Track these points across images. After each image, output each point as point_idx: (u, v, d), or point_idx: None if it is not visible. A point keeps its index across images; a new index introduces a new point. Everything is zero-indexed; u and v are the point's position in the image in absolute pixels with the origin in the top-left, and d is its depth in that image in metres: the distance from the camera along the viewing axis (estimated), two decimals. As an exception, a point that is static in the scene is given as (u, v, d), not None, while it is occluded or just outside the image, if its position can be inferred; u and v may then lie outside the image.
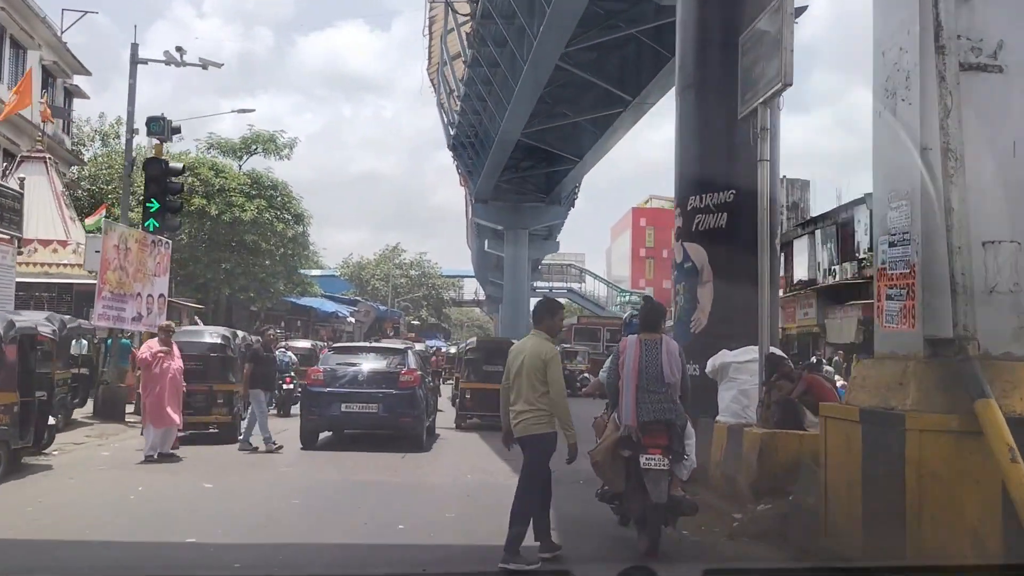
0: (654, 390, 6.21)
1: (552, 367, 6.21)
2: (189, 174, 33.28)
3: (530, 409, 6.21)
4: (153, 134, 18.05)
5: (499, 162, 24.10)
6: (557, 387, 6.23)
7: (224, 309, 35.86)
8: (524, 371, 6.22)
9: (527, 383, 6.20)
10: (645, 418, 6.11)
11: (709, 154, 10.29)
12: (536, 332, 6.49)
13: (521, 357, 6.32)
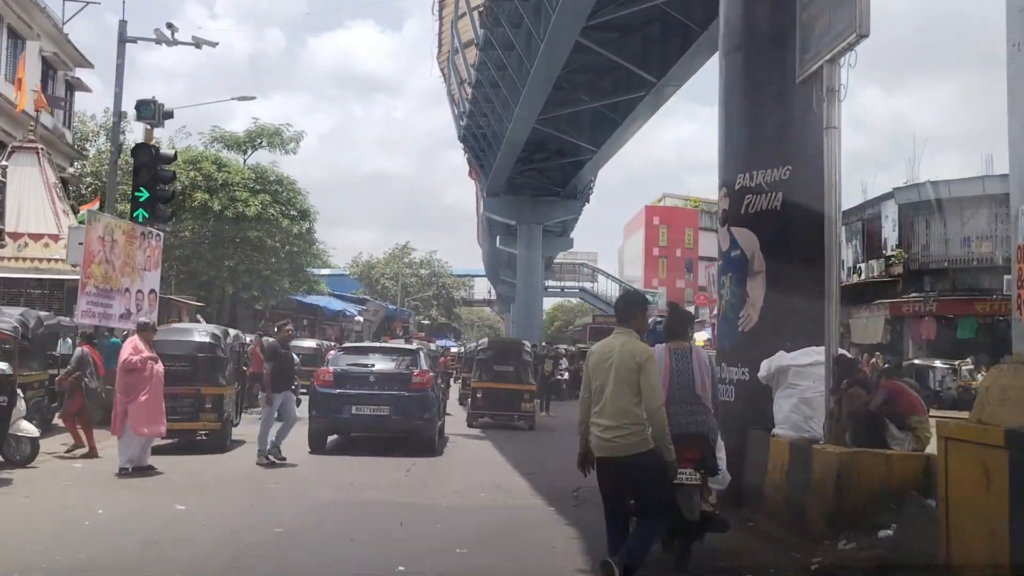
0: (686, 401, 5.86)
1: (648, 371, 5.21)
2: (191, 168, 32.26)
3: (625, 424, 5.19)
4: (143, 118, 16.73)
5: (513, 152, 22.65)
6: (654, 395, 5.22)
7: (228, 308, 34.58)
8: (613, 378, 5.22)
9: (618, 392, 5.21)
10: (676, 431, 5.58)
11: (760, 125, 8.86)
12: (623, 331, 5.47)
13: (608, 361, 5.30)
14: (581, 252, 73.59)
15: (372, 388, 12.36)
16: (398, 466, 11.31)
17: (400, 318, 53.62)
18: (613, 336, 5.51)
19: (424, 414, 12.35)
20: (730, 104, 9.14)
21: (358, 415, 12.29)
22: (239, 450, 12.64)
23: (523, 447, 14.69)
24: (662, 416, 5.22)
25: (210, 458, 11.63)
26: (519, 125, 20.11)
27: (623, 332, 5.46)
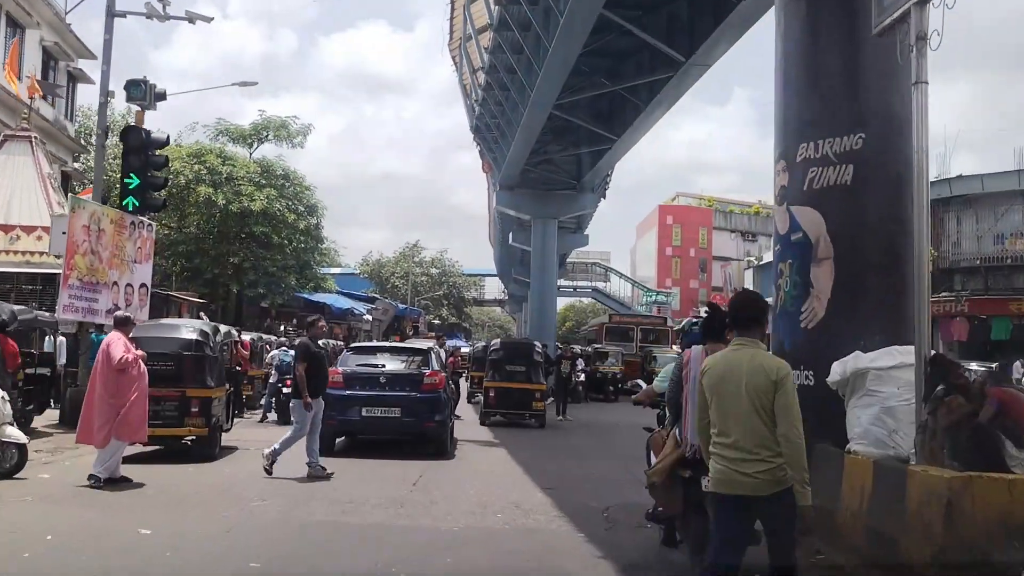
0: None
1: (787, 390, 4.22)
2: (196, 162, 31.09)
3: (765, 456, 4.19)
4: (133, 99, 15.55)
5: (528, 141, 21.33)
6: (795, 420, 4.19)
7: (234, 305, 33.39)
8: (745, 399, 4.23)
9: (751, 417, 4.21)
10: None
11: (827, 85, 7.53)
12: (745, 341, 4.44)
13: (736, 380, 4.29)
14: (594, 251, 72.37)
15: (383, 389, 11.94)
16: (404, 477, 10.06)
17: (410, 317, 52.40)
18: (733, 348, 4.47)
19: (436, 416, 11.98)
20: (789, 61, 7.81)
21: (368, 417, 11.85)
22: (228, 459, 11.41)
23: (539, 454, 13.42)
24: (802, 447, 4.16)
25: (194, 468, 10.38)
26: (536, 110, 18.78)
27: (746, 343, 4.41)
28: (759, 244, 70.35)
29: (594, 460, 12.92)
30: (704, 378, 4.50)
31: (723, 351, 4.61)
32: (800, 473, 4.15)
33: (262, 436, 14.23)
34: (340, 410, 11.73)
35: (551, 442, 15.46)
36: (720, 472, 4.30)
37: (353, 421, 11.97)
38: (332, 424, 11.72)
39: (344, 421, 11.92)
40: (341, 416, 11.78)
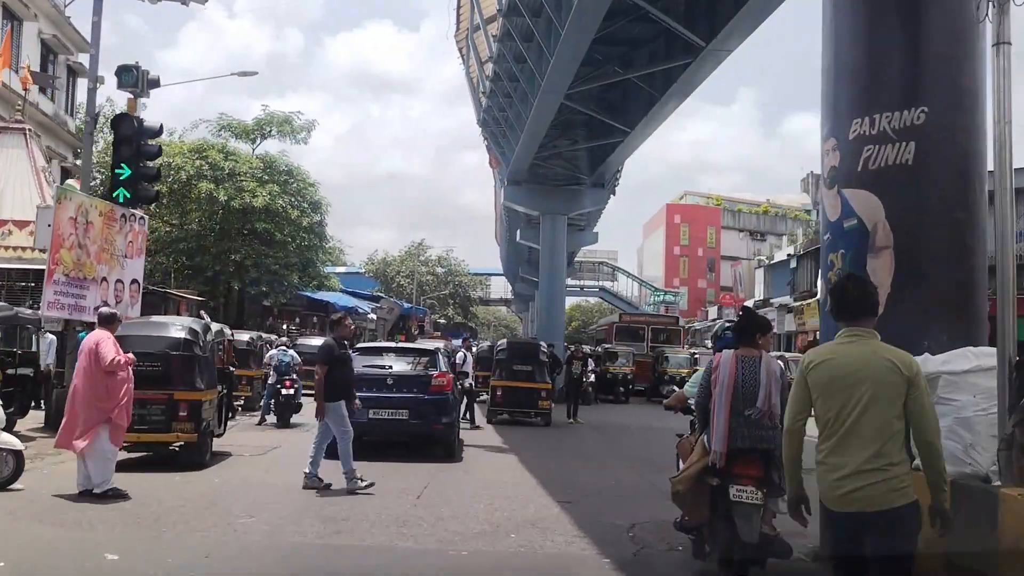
0: (751, 414, 5.31)
1: (921, 388, 3.71)
2: (197, 157, 30.31)
3: (884, 465, 3.62)
4: (124, 86, 14.70)
5: (538, 133, 20.43)
6: (935, 423, 3.74)
7: (236, 303, 32.59)
8: (868, 400, 3.65)
9: (877, 420, 3.64)
10: (739, 445, 5.27)
11: (884, 51, 6.65)
12: (862, 331, 3.84)
13: (856, 377, 3.70)
14: (601, 250, 71.49)
15: (390, 391, 11.64)
16: (408, 487, 9.21)
17: (415, 317, 51.57)
18: (848, 340, 3.82)
19: (444, 418, 11.73)
20: (840, 21, 6.94)
21: (374, 419, 11.44)
22: (219, 466, 10.58)
23: (551, 460, 12.58)
24: (940, 451, 3.74)
25: (181, 477, 9.54)
26: (546, 100, 17.89)
27: (861, 333, 3.81)
28: (768, 243, 69.42)
29: (611, 468, 12.06)
30: (810, 374, 3.83)
31: (832, 343, 3.93)
32: (940, 479, 3.70)
33: (258, 440, 13.44)
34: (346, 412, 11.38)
35: (563, 447, 14.61)
36: (832, 485, 3.68)
37: (360, 423, 11.15)
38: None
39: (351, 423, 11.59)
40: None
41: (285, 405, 16.25)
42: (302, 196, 31.58)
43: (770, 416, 5.28)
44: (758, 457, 5.27)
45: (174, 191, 30.38)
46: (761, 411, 5.26)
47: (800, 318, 41.39)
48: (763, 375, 5.30)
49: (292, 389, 16.34)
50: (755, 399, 5.27)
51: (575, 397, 18.81)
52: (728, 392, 5.30)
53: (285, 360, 16.87)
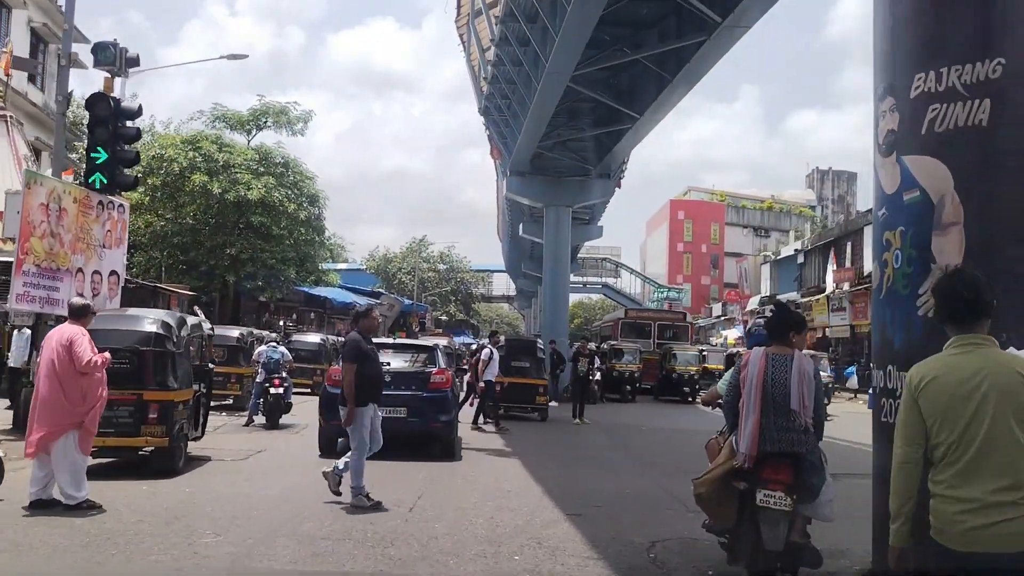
0: (779, 416, 4.98)
1: None
2: (190, 148, 29.37)
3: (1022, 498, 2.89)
4: (101, 64, 13.75)
5: (542, 119, 19.40)
6: None
7: (232, 299, 31.66)
8: (997, 420, 2.95)
9: (1011, 442, 2.93)
10: (768, 448, 4.93)
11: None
12: (978, 339, 3.13)
13: (984, 394, 2.99)
14: (603, 246, 70.53)
15: (387, 388, 10.71)
16: (400, 498, 8.25)
17: (417, 313, 50.65)
18: (962, 350, 3.13)
19: (443, 416, 11.43)
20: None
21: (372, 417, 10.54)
22: (193, 473, 9.62)
23: (556, 465, 11.64)
24: None
25: (148, 487, 8.57)
26: (551, 82, 16.87)
27: (981, 341, 3.13)
28: (772, 240, 68.49)
29: (623, 473, 11.09)
30: (922, 395, 3.11)
31: (942, 356, 3.22)
32: None
33: (242, 443, 12.48)
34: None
35: (569, 450, 13.63)
36: (954, 520, 2.98)
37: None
38: (336, 424, 10.58)
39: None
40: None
41: (274, 405, 15.28)
42: (299, 189, 30.62)
43: (802, 419, 5.00)
44: (788, 461, 5.00)
45: (167, 184, 29.48)
46: (798, 412, 4.97)
47: (808, 314, 40.41)
48: (794, 375, 5.01)
49: (281, 388, 15.37)
50: (787, 400, 5.00)
51: (581, 396, 17.80)
52: (757, 392, 5.02)
53: (274, 357, 15.92)
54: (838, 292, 36.19)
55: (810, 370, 5.11)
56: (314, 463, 10.81)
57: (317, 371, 23.49)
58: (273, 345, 16.27)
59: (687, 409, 24.40)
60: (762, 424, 4.97)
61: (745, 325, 54.71)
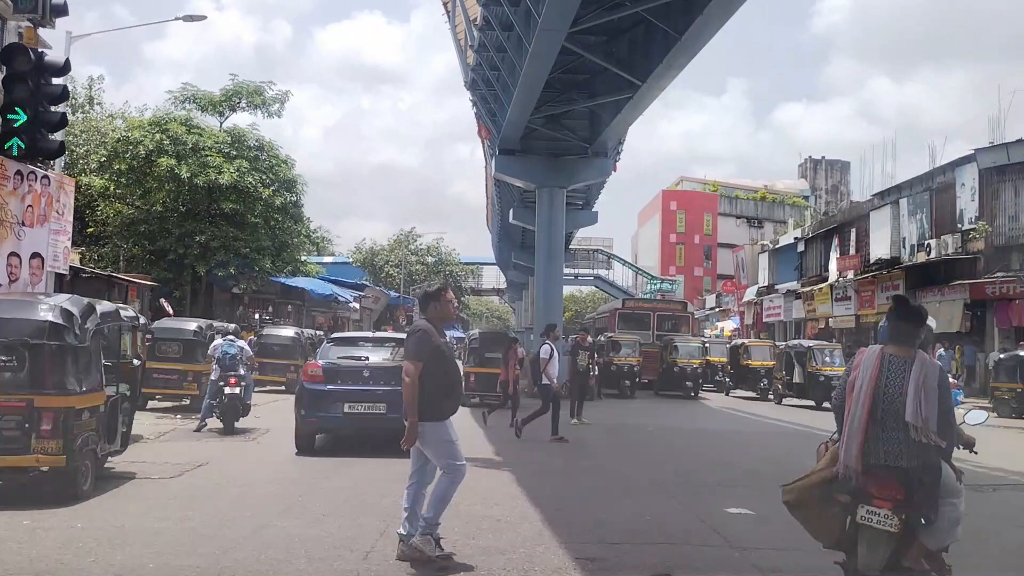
0: (889, 427, 4.36)
1: None
2: (157, 130, 27.21)
3: None
4: (21, 11, 11.63)
5: (535, 84, 17.31)
6: None
7: (203, 291, 29.50)
8: None
9: None
10: (874, 460, 4.35)
11: None
12: None
13: None
14: (596, 237, 68.61)
15: (366, 383, 10.83)
16: (358, 533, 6.26)
17: (404, 306, 48.55)
18: None
19: None
20: None
21: (351, 413, 10.74)
22: (101, 499, 7.58)
23: (558, 480, 9.67)
24: None
25: (31, 521, 6.51)
26: (544, 39, 14.73)
27: None
28: (765, 230, 66.66)
29: (636, 491, 9.04)
30: None
31: None
32: None
33: (183, 455, 10.39)
34: (320, 406, 10.72)
35: (569, 459, 11.58)
36: None
37: (335, 418, 10.80)
38: (312, 422, 10.81)
39: (325, 418, 10.82)
40: (322, 413, 10.74)
41: (228, 407, 13.16)
42: (274, 174, 28.46)
43: (923, 432, 4.28)
44: (898, 477, 4.37)
45: (134, 168, 27.33)
46: (916, 425, 4.26)
47: (810, 304, 38.51)
48: (912, 382, 4.32)
49: (238, 388, 13.28)
50: (901, 410, 4.31)
51: (581, 393, 15.71)
52: (867, 399, 4.38)
53: (230, 352, 13.65)
54: (842, 281, 34.26)
55: (934, 376, 4.35)
56: (260, 480, 8.82)
57: (291, 367, 21.48)
58: (231, 339, 14.11)
59: (692, 405, 22.44)
60: (868, 435, 4.37)
61: (741, 317, 53.04)
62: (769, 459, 12.02)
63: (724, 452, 12.66)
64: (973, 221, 26.50)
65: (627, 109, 18.90)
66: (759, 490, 9.14)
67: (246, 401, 13.53)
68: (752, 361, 25.53)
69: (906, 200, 30.69)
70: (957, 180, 27.57)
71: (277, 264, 29.37)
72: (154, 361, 15.76)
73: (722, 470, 10.57)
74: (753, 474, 10.33)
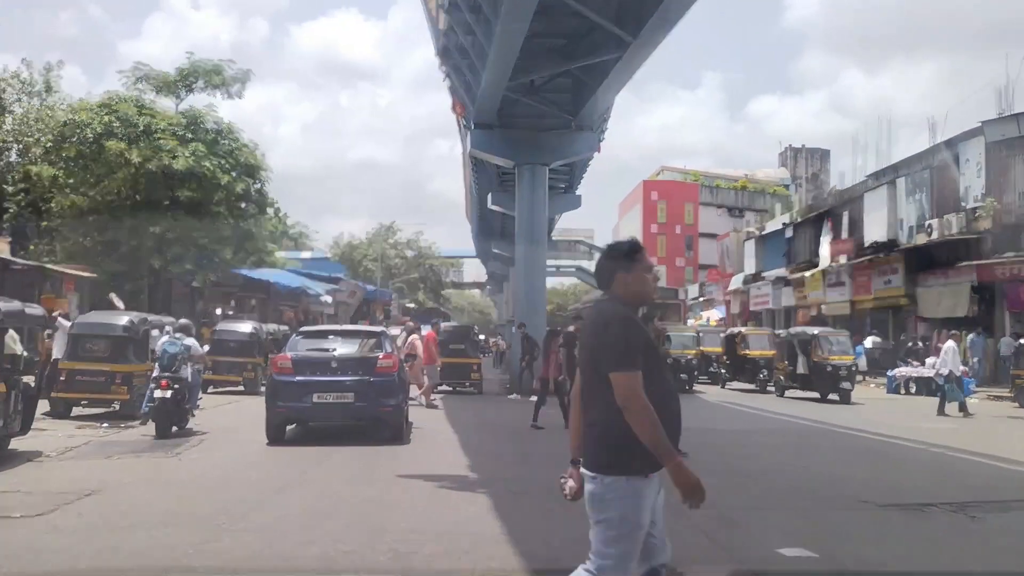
0: None
1: None
2: (106, 112, 24.72)
3: None
4: None
5: (513, 43, 14.95)
6: None
7: (160, 285, 27.01)
8: None
9: None
10: None
11: None
12: None
13: None
14: (577, 228, 66.48)
15: (334, 374, 11.06)
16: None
17: (381, 300, 46.17)
18: None
19: (391, 400, 11.17)
20: None
21: (320, 403, 10.92)
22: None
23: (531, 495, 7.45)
24: None
25: None
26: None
27: None
28: (746, 219, 64.86)
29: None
30: None
31: None
32: None
33: (74, 479, 8.06)
34: (291, 397, 10.84)
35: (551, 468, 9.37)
36: None
37: (305, 408, 10.95)
38: (282, 412, 10.96)
39: (295, 408, 10.97)
40: (292, 403, 10.87)
41: (158, 412, 11.28)
42: (235, 158, 25.96)
43: None
44: None
45: (83, 154, 24.83)
46: None
47: (801, 291, 36.49)
48: None
49: (169, 391, 11.27)
50: None
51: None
52: None
53: (170, 351, 11.74)
54: (835, 266, 32.25)
55: None
56: (155, 521, 6.48)
57: (248, 365, 19.13)
58: (177, 336, 12.05)
59: (688, 400, 20.15)
60: None
61: (728, 306, 50.92)
62: (801, 468, 9.91)
63: (744, 460, 10.46)
64: (979, 199, 24.51)
65: (616, 72, 16.63)
66: (809, 515, 7.07)
67: (186, 405, 11.83)
68: (750, 351, 23.43)
69: (904, 179, 28.68)
70: (961, 156, 25.56)
71: (240, 255, 26.91)
72: (76, 361, 13.47)
73: (751, 487, 8.40)
74: (794, 492, 8.20)
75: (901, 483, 8.90)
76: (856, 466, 10.09)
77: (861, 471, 9.64)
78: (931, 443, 11.97)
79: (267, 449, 10.55)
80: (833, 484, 8.67)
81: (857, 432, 13.63)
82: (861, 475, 9.28)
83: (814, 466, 10.07)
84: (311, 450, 10.56)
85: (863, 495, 7.80)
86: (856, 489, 8.16)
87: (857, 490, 8.09)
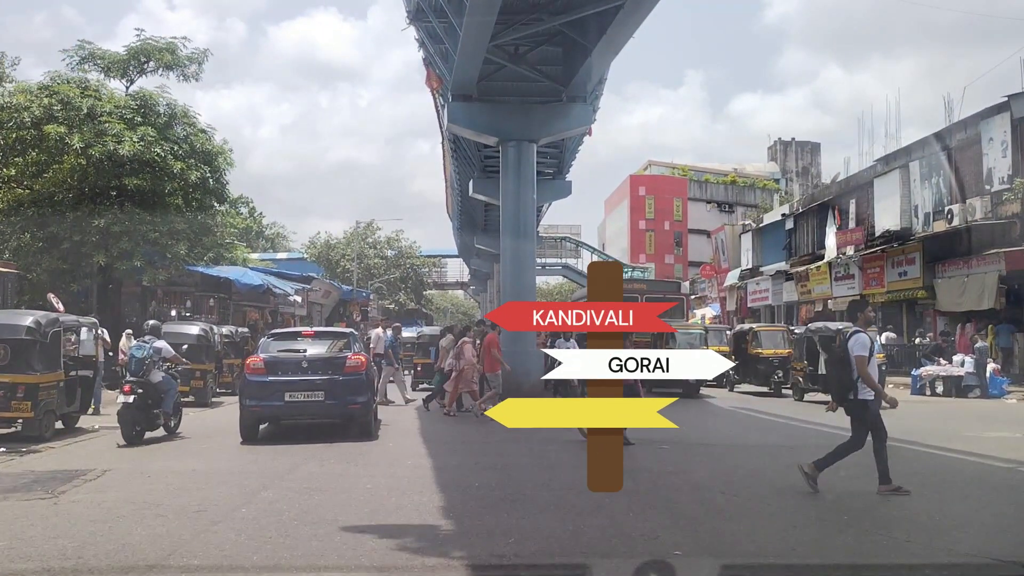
0: None
1: None
2: (46, 95, 22.20)
3: None
4: None
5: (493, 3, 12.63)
6: None
7: (108, 283, 24.43)
8: None
9: None
10: None
11: None
12: None
13: None
14: (563, 224, 64.31)
15: (305, 373, 11.47)
16: None
17: (358, 300, 43.65)
18: None
19: (359, 398, 11.61)
20: None
21: (291, 401, 11.38)
22: None
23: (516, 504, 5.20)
24: None
25: None
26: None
27: None
28: (736, 214, 62.90)
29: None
30: None
31: None
32: None
33: None
34: (263, 396, 11.32)
35: (544, 480, 7.06)
36: None
37: (277, 406, 11.38)
38: (255, 411, 11.42)
39: (267, 407, 11.42)
40: (264, 402, 11.34)
41: (122, 416, 11.12)
42: (190, 144, 23.45)
43: None
44: None
45: (22, 140, 22.29)
46: None
47: (804, 285, 34.36)
48: None
49: (132, 396, 11.16)
50: None
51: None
52: None
53: (137, 356, 11.60)
54: (843, 258, 30.13)
55: None
56: None
57: (197, 372, 16.72)
58: (146, 340, 11.79)
59: (698, 406, 17.91)
60: None
61: (723, 303, 48.78)
62: (924, 512, 7.56)
63: (805, 499, 8.16)
64: (1006, 180, 22.44)
65: (615, 25, 14.31)
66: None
67: (156, 410, 11.62)
68: (763, 350, 21.18)
69: (917, 163, 26.59)
70: (984, 135, 23.47)
71: (196, 251, 24.39)
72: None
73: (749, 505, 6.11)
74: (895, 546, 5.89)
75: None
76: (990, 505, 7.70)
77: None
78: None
79: (204, 474, 8.25)
80: (943, 527, 6.36)
81: (937, 451, 11.18)
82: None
83: (943, 508, 7.73)
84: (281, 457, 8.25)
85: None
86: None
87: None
